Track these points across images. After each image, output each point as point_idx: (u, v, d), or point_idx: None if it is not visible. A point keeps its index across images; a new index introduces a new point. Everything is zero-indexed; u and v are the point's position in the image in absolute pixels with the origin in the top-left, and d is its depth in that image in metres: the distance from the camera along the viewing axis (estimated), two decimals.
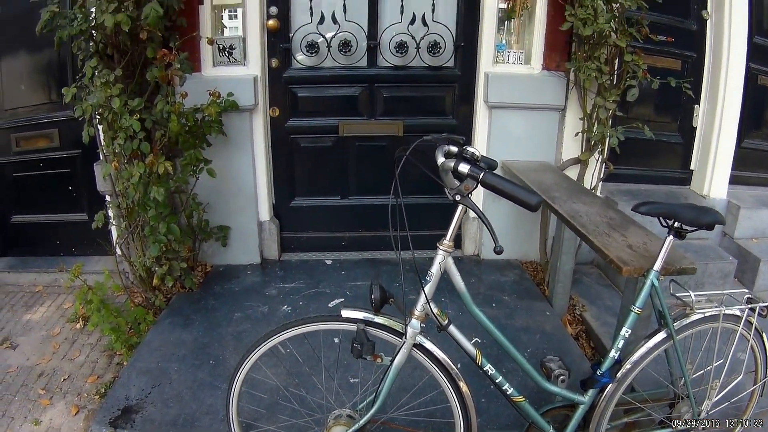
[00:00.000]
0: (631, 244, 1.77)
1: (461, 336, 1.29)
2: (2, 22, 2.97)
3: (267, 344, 1.33)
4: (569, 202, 2.27)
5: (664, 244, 1.44)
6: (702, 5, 3.04)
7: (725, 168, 3.15)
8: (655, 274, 1.44)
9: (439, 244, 1.23)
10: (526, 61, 2.80)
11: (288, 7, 2.72)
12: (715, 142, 3.10)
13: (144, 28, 2.23)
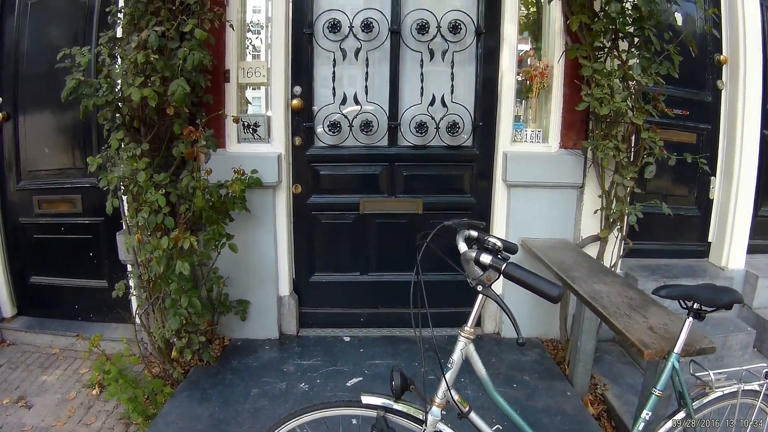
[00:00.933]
0: (652, 326, 1.76)
1: (482, 423, 1.29)
2: (28, 78, 3.08)
3: (286, 426, 1.34)
4: (589, 282, 2.26)
5: (684, 326, 1.48)
6: (717, 75, 3.11)
7: (743, 238, 3.14)
8: (675, 357, 1.47)
9: (461, 331, 1.25)
10: (544, 140, 2.84)
11: (312, 88, 2.81)
12: (732, 213, 3.11)
13: (171, 104, 2.31)
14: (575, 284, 2.23)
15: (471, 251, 1.20)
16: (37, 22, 3.09)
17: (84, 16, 2.98)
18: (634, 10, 2.51)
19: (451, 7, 2.74)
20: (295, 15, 2.76)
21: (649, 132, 2.63)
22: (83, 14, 2.99)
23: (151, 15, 2.43)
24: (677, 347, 1.47)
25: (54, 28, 3.08)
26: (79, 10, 3.00)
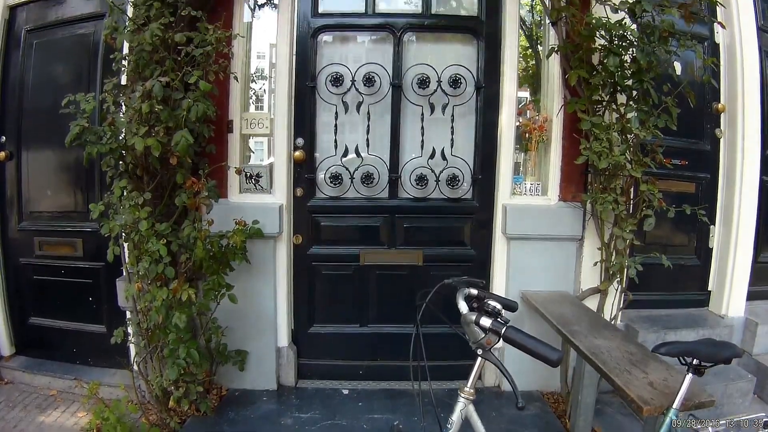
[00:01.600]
0: (651, 381, 1.76)
1: None
2: (31, 116, 3.12)
3: None
4: (589, 336, 2.26)
5: (684, 382, 1.51)
6: (715, 124, 3.15)
7: (742, 286, 3.15)
8: (674, 411, 1.49)
9: (460, 392, 1.25)
10: (543, 192, 2.86)
11: (314, 139, 2.84)
12: (731, 261, 3.12)
13: (174, 154, 2.32)
14: (575, 339, 2.23)
15: (471, 314, 1.23)
16: (42, 60, 3.14)
17: (89, 55, 3.04)
18: (633, 63, 2.55)
19: (451, 62, 2.79)
20: (298, 68, 2.80)
21: (647, 184, 2.64)
22: (88, 54, 3.05)
23: (156, 64, 2.47)
24: (676, 402, 1.50)
25: (59, 67, 3.13)
26: (84, 50, 3.06)
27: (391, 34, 2.80)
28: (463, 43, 2.85)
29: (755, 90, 3.06)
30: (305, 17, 2.81)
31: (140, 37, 2.37)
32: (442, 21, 2.85)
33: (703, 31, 3.08)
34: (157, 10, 2.57)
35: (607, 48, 2.52)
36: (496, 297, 1.34)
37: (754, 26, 3.09)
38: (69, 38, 3.19)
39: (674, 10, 2.44)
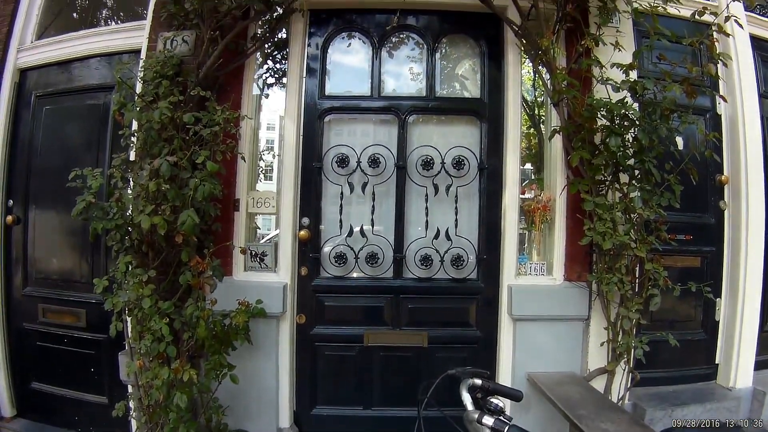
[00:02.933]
0: None
1: None
2: (39, 181, 3.16)
3: None
4: (596, 420, 2.23)
5: None
6: (719, 196, 3.16)
7: (749, 357, 3.11)
8: None
9: None
10: (548, 272, 2.86)
11: (319, 220, 2.86)
12: (738, 333, 3.09)
13: (180, 232, 2.34)
14: (582, 424, 2.20)
15: (473, 413, 1.22)
16: (52, 126, 3.21)
17: (98, 124, 3.11)
18: (635, 142, 2.58)
19: (455, 144, 2.84)
20: (305, 149, 2.85)
21: (652, 263, 2.64)
22: (98, 123, 3.11)
23: (164, 142, 2.52)
24: None
25: (68, 134, 3.19)
26: (94, 119, 3.13)
27: (396, 116, 2.86)
28: (466, 124, 2.90)
29: (758, 159, 3.09)
30: (312, 99, 2.87)
31: (149, 115, 2.43)
32: (445, 104, 2.91)
33: (704, 103, 3.13)
34: (166, 88, 2.64)
35: (608, 128, 2.56)
36: (500, 388, 1.34)
37: (756, 94, 3.15)
38: (79, 107, 3.27)
39: (676, 86, 2.48)
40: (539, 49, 2.64)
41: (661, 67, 2.73)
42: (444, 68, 2.97)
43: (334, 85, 2.91)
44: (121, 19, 3.51)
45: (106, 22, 3.49)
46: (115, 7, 3.54)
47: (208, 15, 2.70)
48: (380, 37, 2.90)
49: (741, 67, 3.12)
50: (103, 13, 3.53)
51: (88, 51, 3.25)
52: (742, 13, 3.01)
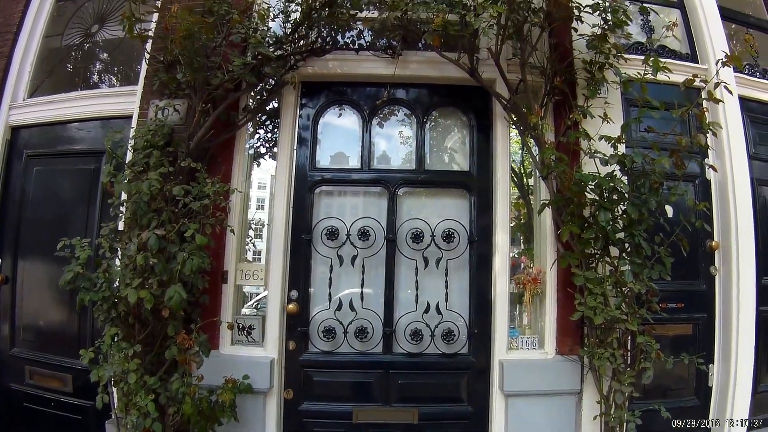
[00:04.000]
0: None
1: None
2: (29, 239, 3.14)
3: None
4: None
5: None
6: (709, 261, 3.14)
7: (742, 419, 3.04)
8: None
9: None
10: (540, 346, 2.83)
11: (308, 292, 2.83)
12: (731, 397, 3.03)
13: (167, 307, 2.30)
14: None
15: None
16: (42, 187, 3.22)
17: (88, 189, 3.12)
18: (624, 216, 2.58)
19: (444, 216, 2.84)
20: (295, 221, 2.84)
21: (644, 335, 2.62)
22: (88, 188, 3.12)
23: (153, 212, 2.51)
24: None
25: (58, 196, 3.19)
26: (83, 183, 3.14)
27: (385, 189, 2.86)
28: (456, 197, 2.91)
29: (749, 223, 3.08)
30: (303, 171, 2.88)
31: (138, 185, 2.43)
32: (435, 176, 2.93)
33: (693, 168, 3.13)
34: (157, 158, 2.65)
35: (598, 202, 2.56)
36: None
37: (745, 156, 3.17)
38: (70, 171, 3.28)
39: (665, 159, 2.49)
40: (528, 124, 2.66)
41: (650, 138, 2.75)
42: (433, 141, 3.00)
43: (324, 158, 2.92)
44: (114, 81, 3.53)
45: (99, 84, 3.51)
46: (107, 69, 3.57)
47: (200, 87, 2.72)
48: (371, 110, 2.93)
49: (730, 130, 3.15)
50: (96, 75, 3.56)
51: (80, 114, 3.27)
52: (731, 77, 3.06)
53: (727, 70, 2.85)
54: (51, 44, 3.59)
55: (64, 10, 3.63)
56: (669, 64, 2.98)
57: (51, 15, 3.61)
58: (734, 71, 3.15)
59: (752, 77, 3.45)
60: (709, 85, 2.64)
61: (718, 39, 3.23)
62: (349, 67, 2.89)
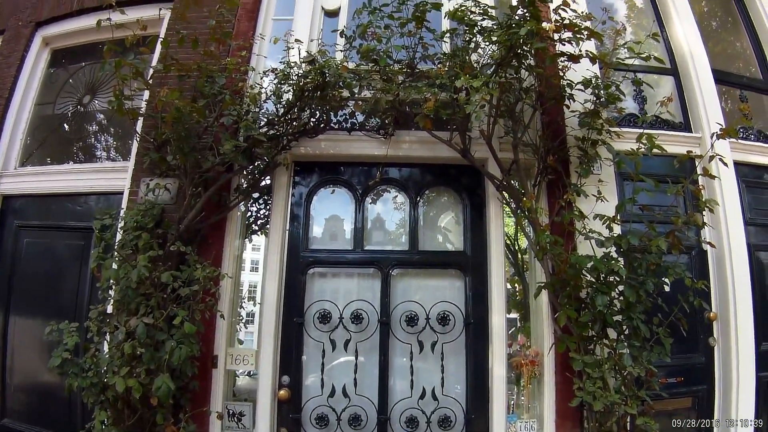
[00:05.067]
0: None
1: None
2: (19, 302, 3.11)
3: None
4: None
5: None
6: (708, 333, 3.09)
7: None
8: None
9: None
10: (539, 431, 2.76)
11: (300, 378, 2.77)
12: None
13: (155, 395, 2.25)
14: None
15: None
16: (31, 259, 3.20)
17: (78, 265, 3.08)
18: (621, 298, 2.53)
19: (439, 298, 2.79)
20: (286, 303, 2.79)
21: (644, 416, 2.55)
22: (77, 263, 3.09)
23: (141, 296, 2.46)
24: None
25: (46, 269, 3.15)
26: (73, 258, 3.11)
27: (379, 270, 2.82)
28: (450, 277, 2.87)
29: (746, 293, 3.04)
30: (295, 252, 2.84)
31: (126, 267, 2.40)
32: (428, 257, 2.89)
33: (690, 242, 3.11)
34: (146, 241, 2.61)
35: (594, 286, 2.51)
36: None
37: (742, 224, 3.14)
38: (59, 246, 3.25)
39: (661, 240, 2.46)
40: (522, 206, 2.64)
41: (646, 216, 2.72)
42: (427, 220, 2.96)
43: (317, 238, 2.89)
44: (106, 155, 3.51)
45: (91, 157, 3.49)
46: (100, 141, 3.55)
47: (191, 170, 2.70)
48: (363, 189, 2.90)
49: (726, 201, 3.13)
50: (88, 147, 3.53)
51: (71, 189, 3.26)
52: (726, 149, 3.05)
53: (723, 143, 2.84)
54: (43, 112, 3.60)
55: (56, 78, 3.64)
56: (663, 136, 3.00)
57: (43, 82, 3.62)
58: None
59: (746, 141, 3.44)
60: (704, 161, 2.64)
61: (712, 108, 3.23)
62: (341, 147, 2.87)
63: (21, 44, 3.67)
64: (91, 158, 3.46)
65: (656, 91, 3.33)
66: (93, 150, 3.52)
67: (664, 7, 3.60)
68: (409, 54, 2.78)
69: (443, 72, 2.65)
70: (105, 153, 3.51)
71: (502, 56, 2.56)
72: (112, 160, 3.39)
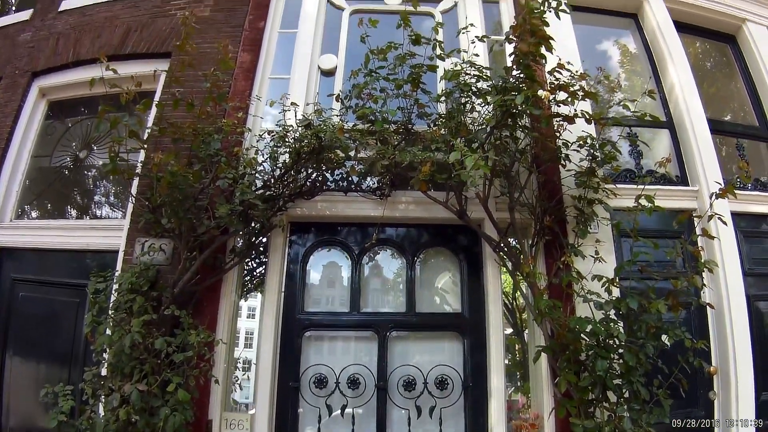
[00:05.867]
0: None
1: None
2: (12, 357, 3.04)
3: None
4: None
5: None
6: (708, 387, 3.04)
7: None
8: None
9: None
10: None
11: None
12: None
13: None
14: None
15: None
16: (28, 312, 3.14)
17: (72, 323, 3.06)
18: (621, 362, 2.50)
19: (437, 362, 2.76)
20: (282, 367, 2.76)
21: None
22: (73, 316, 3.06)
23: (135, 361, 2.43)
24: None
25: (41, 324, 3.11)
26: (67, 315, 3.08)
27: (376, 333, 2.79)
28: (448, 339, 2.84)
29: (746, 346, 3.00)
30: (291, 314, 2.82)
31: (119, 331, 2.39)
32: (426, 319, 2.87)
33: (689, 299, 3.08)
34: (140, 305, 2.60)
35: (594, 350, 2.48)
36: None
37: (741, 277, 3.11)
38: (54, 302, 3.22)
39: (660, 304, 2.44)
40: (519, 268, 2.62)
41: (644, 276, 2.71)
42: (424, 281, 2.94)
43: (313, 300, 2.86)
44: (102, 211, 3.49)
45: (87, 213, 3.47)
46: (95, 197, 3.54)
47: (186, 234, 2.68)
48: (360, 250, 2.89)
49: (725, 254, 3.11)
50: (84, 203, 3.52)
51: (66, 245, 3.24)
52: (725, 203, 3.02)
53: (723, 202, 2.83)
54: (39, 164, 3.58)
55: (53, 130, 3.64)
56: (660, 191, 2.98)
57: (40, 133, 3.61)
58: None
59: (743, 191, 3.42)
60: (702, 221, 2.63)
61: (709, 162, 3.23)
62: (338, 208, 2.86)
63: (18, 93, 3.67)
64: (86, 213, 3.45)
65: (652, 145, 3.34)
66: (89, 205, 3.51)
67: (659, 55, 3.61)
68: (404, 115, 2.79)
69: (439, 135, 2.65)
70: (101, 209, 3.49)
71: (498, 120, 2.57)
72: (107, 217, 3.38)
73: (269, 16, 3.25)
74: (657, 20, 3.62)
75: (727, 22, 3.91)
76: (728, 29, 3.95)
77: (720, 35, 3.98)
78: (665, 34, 3.53)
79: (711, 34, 4.00)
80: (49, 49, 3.70)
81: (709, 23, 3.92)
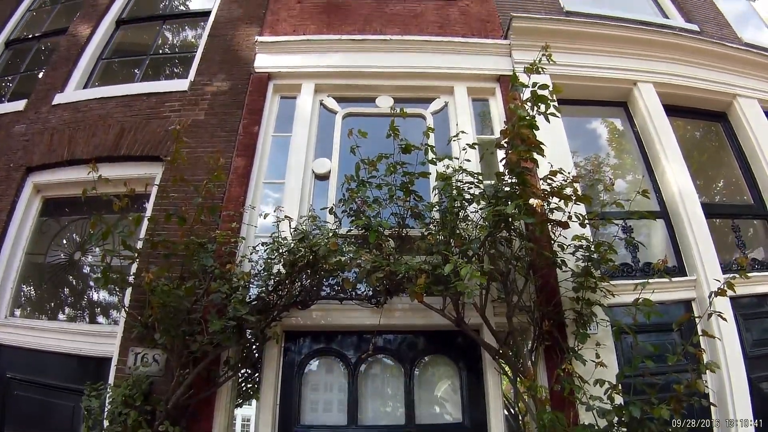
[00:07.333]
0: None
1: None
2: None
3: None
4: None
5: None
6: None
7: None
8: None
9: None
10: None
11: None
12: None
13: None
14: None
15: None
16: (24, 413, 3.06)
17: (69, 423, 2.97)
18: None
19: None
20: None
21: None
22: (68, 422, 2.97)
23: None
24: None
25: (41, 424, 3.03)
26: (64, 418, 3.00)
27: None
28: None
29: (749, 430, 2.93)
30: (287, 428, 2.73)
31: None
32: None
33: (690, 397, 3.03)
34: (134, 420, 2.54)
35: None
36: None
37: (742, 363, 3.04)
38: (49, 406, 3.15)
39: (663, 409, 2.38)
40: (520, 376, 2.56)
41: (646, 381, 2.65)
42: (422, 391, 2.87)
43: (310, 411, 2.78)
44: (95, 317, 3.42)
45: (81, 316, 3.43)
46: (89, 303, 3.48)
47: (178, 350, 2.64)
48: (356, 360, 2.83)
49: (725, 340, 3.05)
50: (78, 306, 3.48)
51: (59, 348, 3.18)
52: (727, 306, 3.00)
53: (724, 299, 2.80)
54: (34, 260, 3.55)
55: (47, 227, 3.62)
56: (657, 284, 2.96)
57: (34, 230, 3.59)
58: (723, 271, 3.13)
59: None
60: (702, 321, 2.61)
61: (706, 251, 3.21)
62: (333, 317, 2.82)
63: (12, 188, 3.65)
64: (81, 315, 3.40)
65: (648, 235, 3.32)
66: (84, 307, 3.46)
67: (650, 143, 3.62)
68: (397, 218, 2.78)
69: (434, 242, 2.64)
70: (95, 313, 3.44)
71: (490, 231, 2.56)
72: (99, 323, 3.32)
73: (263, 120, 3.27)
74: (647, 107, 3.64)
75: (718, 100, 3.96)
76: (719, 107, 3.99)
77: (711, 114, 4.02)
78: (655, 121, 3.55)
79: (702, 114, 4.03)
80: (44, 145, 3.69)
81: (701, 103, 3.96)
